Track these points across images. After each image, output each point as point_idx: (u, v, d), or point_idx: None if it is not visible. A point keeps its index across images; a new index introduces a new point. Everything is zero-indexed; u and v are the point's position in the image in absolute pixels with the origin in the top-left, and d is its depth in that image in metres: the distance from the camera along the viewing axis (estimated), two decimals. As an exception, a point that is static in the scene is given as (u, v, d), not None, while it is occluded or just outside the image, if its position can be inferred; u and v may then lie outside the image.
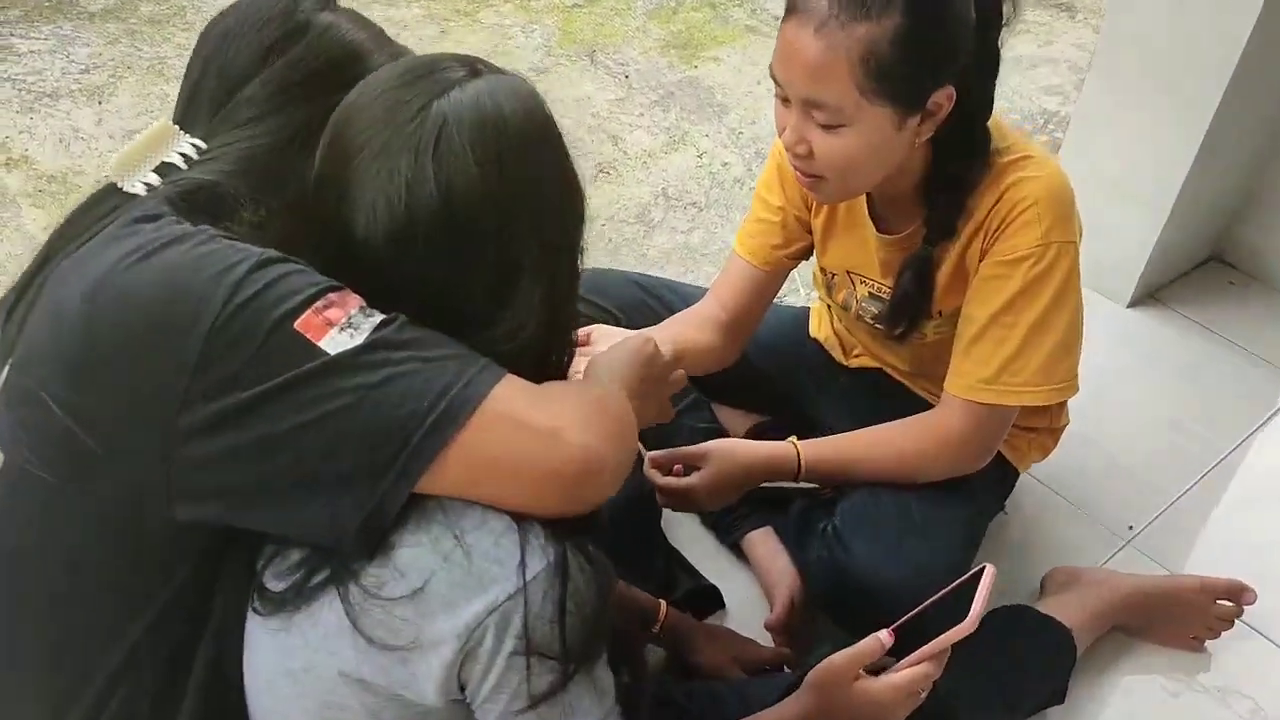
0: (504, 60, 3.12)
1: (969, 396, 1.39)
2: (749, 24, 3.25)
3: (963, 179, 1.33)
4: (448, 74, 0.91)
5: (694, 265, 2.41)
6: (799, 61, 1.23)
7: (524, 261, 0.90)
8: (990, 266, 1.36)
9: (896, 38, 1.18)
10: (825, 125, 1.24)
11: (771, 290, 1.63)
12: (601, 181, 2.65)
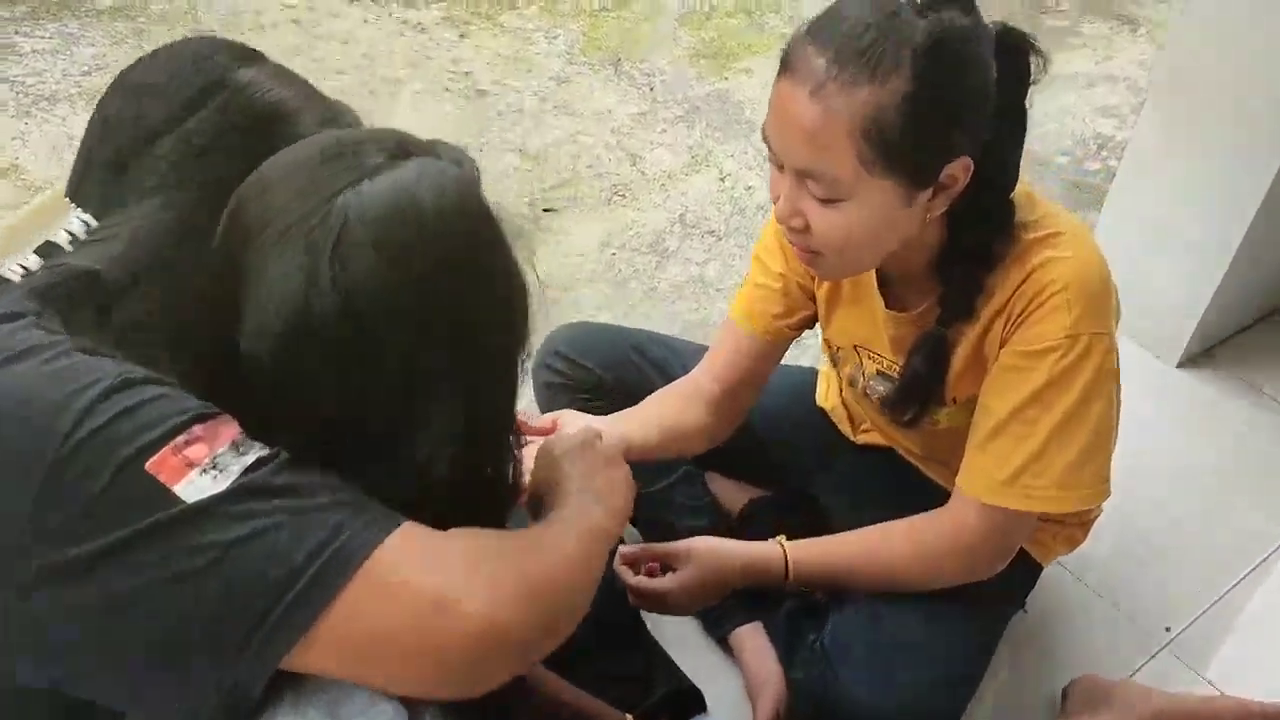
0: (523, 68, 3.02)
1: (985, 498, 1.23)
2: (785, 32, 3.07)
3: (983, 255, 1.17)
4: (366, 158, 0.80)
5: (707, 301, 2.25)
6: (793, 128, 1.07)
7: (438, 376, 0.79)
8: (1012, 356, 1.19)
9: (903, 104, 1.02)
10: (822, 199, 1.08)
11: (771, 361, 1.47)
12: (615, 205, 2.49)
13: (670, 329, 2.15)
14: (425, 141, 0.85)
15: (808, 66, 1.05)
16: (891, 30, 1.02)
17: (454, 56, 2.92)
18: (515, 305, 0.86)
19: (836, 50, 1.03)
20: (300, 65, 2.92)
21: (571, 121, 2.73)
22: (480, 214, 0.82)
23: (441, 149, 0.84)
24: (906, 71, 1.03)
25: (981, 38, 1.07)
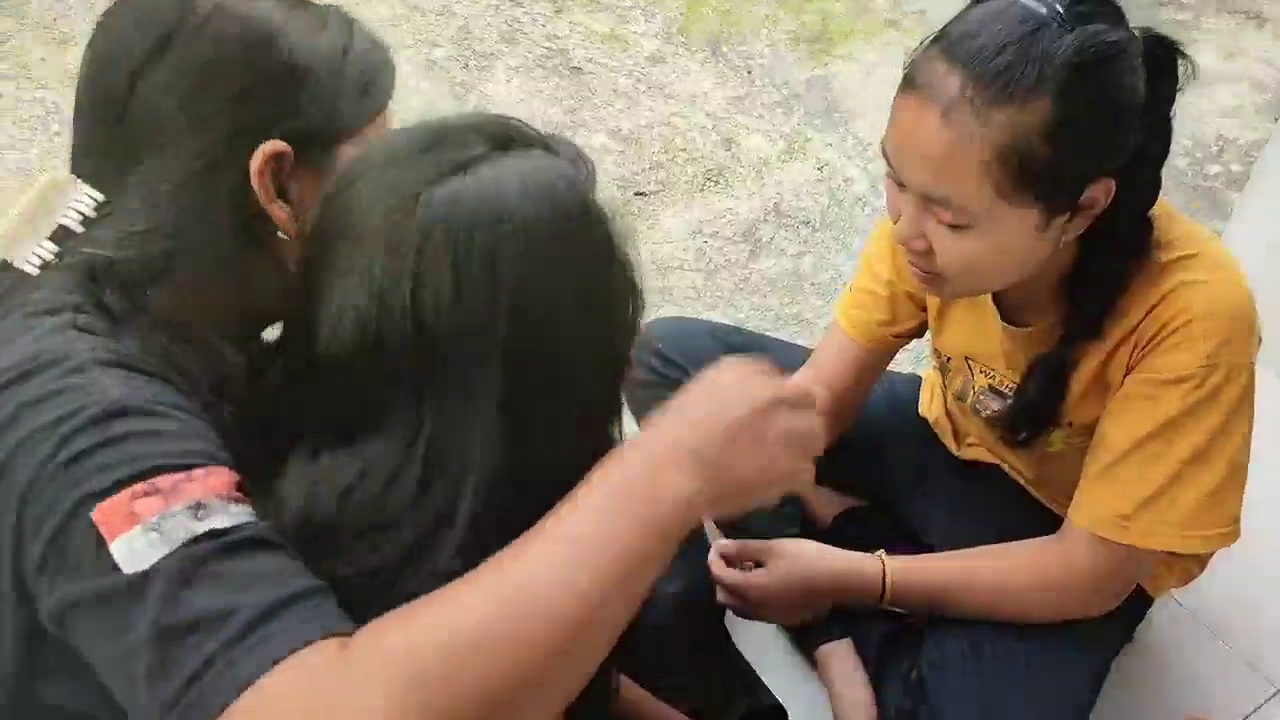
0: (618, 47, 2.95)
1: (1100, 533, 1.15)
2: (890, 17, 2.97)
3: (1116, 277, 1.08)
4: (464, 150, 0.74)
5: (800, 296, 2.18)
6: (920, 151, 0.99)
7: (525, 403, 0.72)
8: (1140, 384, 1.11)
9: (1047, 128, 0.94)
10: (949, 224, 1.01)
11: (876, 369, 1.41)
12: (709, 190, 2.43)
13: (761, 323, 2.08)
14: (539, 134, 0.78)
15: (939, 85, 0.97)
16: (1035, 47, 0.94)
17: (549, 32, 2.87)
18: (617, 341, 0.78)
19: (973, 68, 0.95)
20: (397, 36, 2.89)
21: (666, 103, 2.66)
22: (587, 224, 0.75)
23: (557, 144, 0.78)
24: (1051, 92, 0.95)
25: (1131, 50, 0.98)
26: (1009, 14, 0.96)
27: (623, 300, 0.77)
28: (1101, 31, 0.96)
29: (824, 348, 1.41)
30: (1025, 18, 0.96)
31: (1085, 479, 1.18)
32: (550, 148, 0.77)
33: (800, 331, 2.07)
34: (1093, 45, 0.95)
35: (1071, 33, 0.95)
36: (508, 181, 0.72)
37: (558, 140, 0.79)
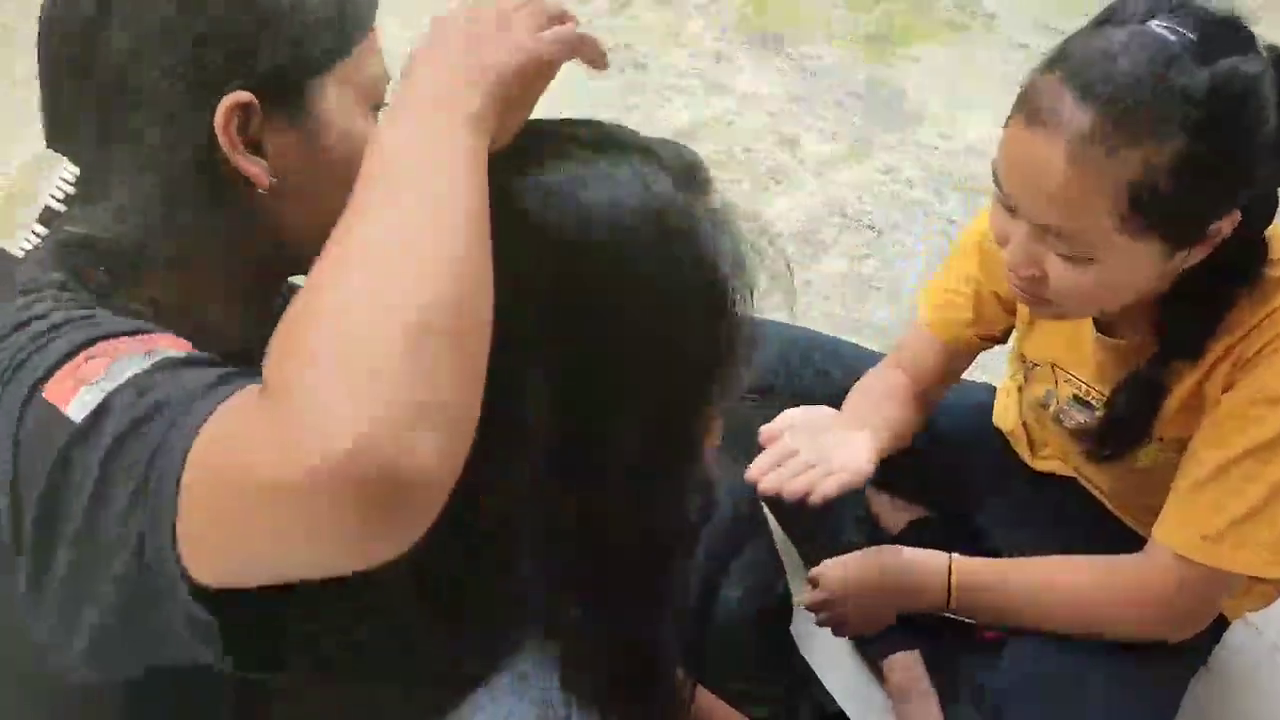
0: (680, 43, 2.93)
1: (1186, 553, 1.12)
2: (956, 19, 2.93)
3: (1222, 299, 1.05)
4: (551, 143, 0.69)
5: (863, 300, 2.15)
6: (1041, 185, 0.96)
7: (605, 435, 0.65)
8: (1238, 402, 1.08)
9: (1178, 165, 0.91)
10: (1066, 255, 0.98)
11: (959, 366, 1.38)
12: (770, 190, 2.40)
13: (823, 325, 2.05)
14: (647, 140, 0.72)
15: (1066, 119, 0.93)
16: (1170, 83, 0.91)
17: (611, 26, 2.85)
18: (707, 355, 0.68)
19: (1102, 104, 0.91)
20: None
21: (726, 101, 2.64)
22: (674, 239, 0.66)
23: (665, 150, 0.72)
24: (1186, 130, 0.91)
25: (1266, 80, 0.94)
26: (1139, 44, 0.92)
27: (702, 343, 0.68)
28: (1237, 64, 0.92)
29: (907, 341, 1.39)
30: (1157, 50, 0.92)
31: (1173, 495, 1.14)
32: (655, 154, 0.70)
33: (863, 335, 2.04)
34: (1228, 81, 0.91)
35: (1206, 66, 0.91)
36: (589, 184, 0.66)
37: (669, 145, 0.73)
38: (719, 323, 0.68)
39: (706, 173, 0.73)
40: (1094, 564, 1.20)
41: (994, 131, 1.05)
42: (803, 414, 1.22)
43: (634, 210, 0.66)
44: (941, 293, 1.34)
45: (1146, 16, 0.95)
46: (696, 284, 0.67)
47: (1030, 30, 2.86)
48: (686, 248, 0.67)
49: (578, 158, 0.67)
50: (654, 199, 0.66)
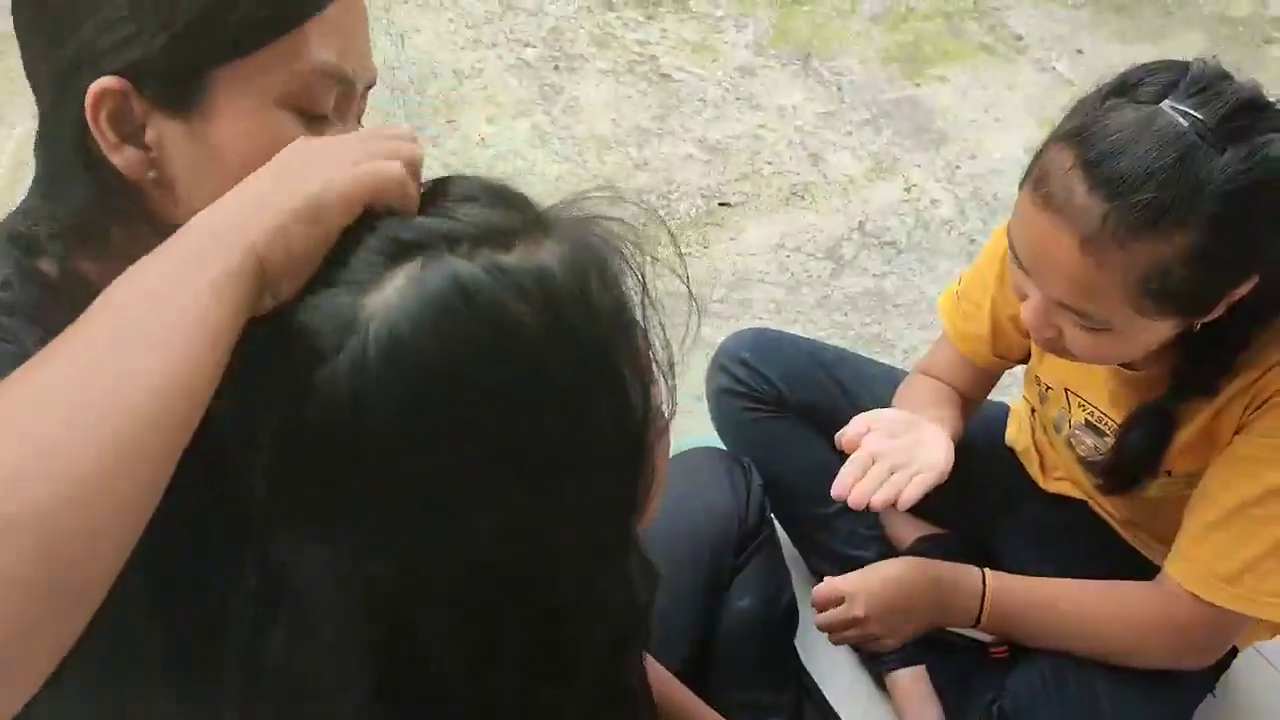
0: (708, 56, 2.95)
1: (1199, 592, 1.12)
2: (985, 41, 2.93)
3: (1239, 341, 1.05)
4: (451, 226, 0.58)
5: (883, 316, 2.15)
6: (1056, 269, 0.97)
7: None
8: (1250, 443, 1.08)
9: (1193, 256, 0.91)
10: (1083, 327, 0.99)
11: (985, 382, 1.39)
12: (793, 205, 2.41)
13: (841, 342, 2.06)
14: (536, 215, 0.61)
15: (1078, 209, 0.93)
16: (1185, 175, 0.89)
17: (640, 38, 2.87)
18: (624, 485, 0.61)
19: (1114, 195, 0.91)
20: (488, 34, 2.91)
21: (754, 115, 2.65)
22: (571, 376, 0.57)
23: (563, 229, 0.60)
24: (1201, 222, 0.90)
25: None
26: (1154, 131, 0.90)
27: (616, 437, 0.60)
28: (1257, 149, 0.91)
29: (937, 351, 1.40)
30: (1173, 138, 0.90)
31: (1185, 533, 1.15)
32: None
33: (881, 352, 2.05)
34: (1247, 170, 0.90)
35: (1224, 154, 0.90)
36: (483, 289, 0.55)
37: (564, 221, 0.61)
38: (626, 401, 0.60)
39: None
40: (1118, 592, 1.20)
41: (1020, 153, 1.05)
42: (876, 417, 1.23)
43: (468, 334, 0.55)
44: (963, 301, 1.35)
45: (1162, 94, 0.93)
46: (576, 375, 0.58)
47: (1058, 54, 2.87)
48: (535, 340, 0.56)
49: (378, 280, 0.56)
50: (484, 304, 0.55)
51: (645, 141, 2.55)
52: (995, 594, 1.24)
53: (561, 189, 2.27)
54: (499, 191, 0.62)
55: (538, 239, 0.58)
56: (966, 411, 1.38)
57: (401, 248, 0.56)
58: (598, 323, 0.58)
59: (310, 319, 0.55)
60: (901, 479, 1.15)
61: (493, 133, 2.54)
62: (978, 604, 1.24)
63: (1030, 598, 1.24)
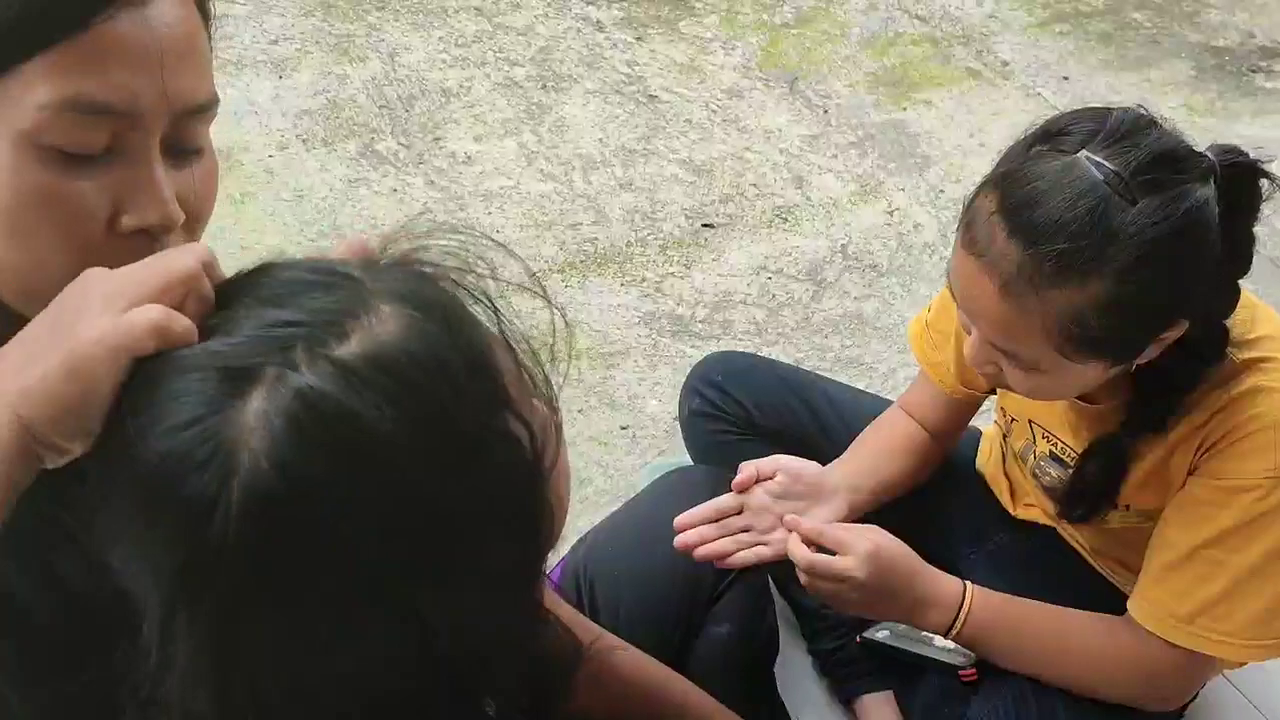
0: (696, 78, 2.97)
1: (1160, 633, 1.13)
2: (971, 66, 2.95)
3: (1186, 378, 1.07)
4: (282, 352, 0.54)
5: (862, 339, 2.16)
6: (980, 310, 1.01)
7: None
8: (1202, 487, 1.09)
9: (1104, 305, 0.94)
10: (1017, 365, 1.03)
11: (962, 413, 1.40)
12: (777, 227, 2.42)
13: (820, 364, 2.07)
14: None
15: (997, 255, 0.96)
16: (1098, 226, 0.92)
17: (628, 59, 2.89)
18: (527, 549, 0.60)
19: (1030, 243, 0.94)
20: (477, 52, 2.93)
21: (740, 137, 2.67)
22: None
23: (392, 285, 0.57)
24: (1112, 271, 0.93)
25: (1203, 205, 0.95)
26: (1069, 183, 0.93)
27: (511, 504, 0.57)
28: (1169, 202, 0.93)
29: (915, 384, 1.42)
30: (1086, 189, 0.93)
31: (1145, 574, 1.16)
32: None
33: (859, 375, 2.06)
34: (1158, 221, 0.92)
35: (1136, 206, 0.92)
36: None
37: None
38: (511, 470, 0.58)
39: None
40: (1096, 623, 1.20)
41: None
42: (790, 464, 1.25)
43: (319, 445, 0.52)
44: (930, 334, 1.36)
45: (1082, 143, 0.95)
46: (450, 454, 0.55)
47: (1044, 81, 2.89)
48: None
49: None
50: (340, 414, 0.52)
51: (631, 161, 2.56)
52: (976, 610, 1.22)
53: (547, 207, 2.29)
54: (316, 269, 0.58)
55: (371, 309, 0.55)
56: (933, 452, 1.39)
57: (238, 375, 0.52)
58: (458, 380, 0.55)
59: (168, 468, 0.52)
60: (747, 540, 1.20)
61: (479, 151, 2.55)
62: (954, 613, 1.23)
63: (1010, 615, 1.23)
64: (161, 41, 0.64)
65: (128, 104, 0.64)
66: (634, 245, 2.35)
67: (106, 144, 0.64)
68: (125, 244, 0.66)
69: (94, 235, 0.65)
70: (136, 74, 0.63)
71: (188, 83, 0.67)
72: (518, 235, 2.33)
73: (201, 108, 0.69)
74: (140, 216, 0.66)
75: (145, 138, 0.65)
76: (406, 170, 2.48)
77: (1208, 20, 3.20)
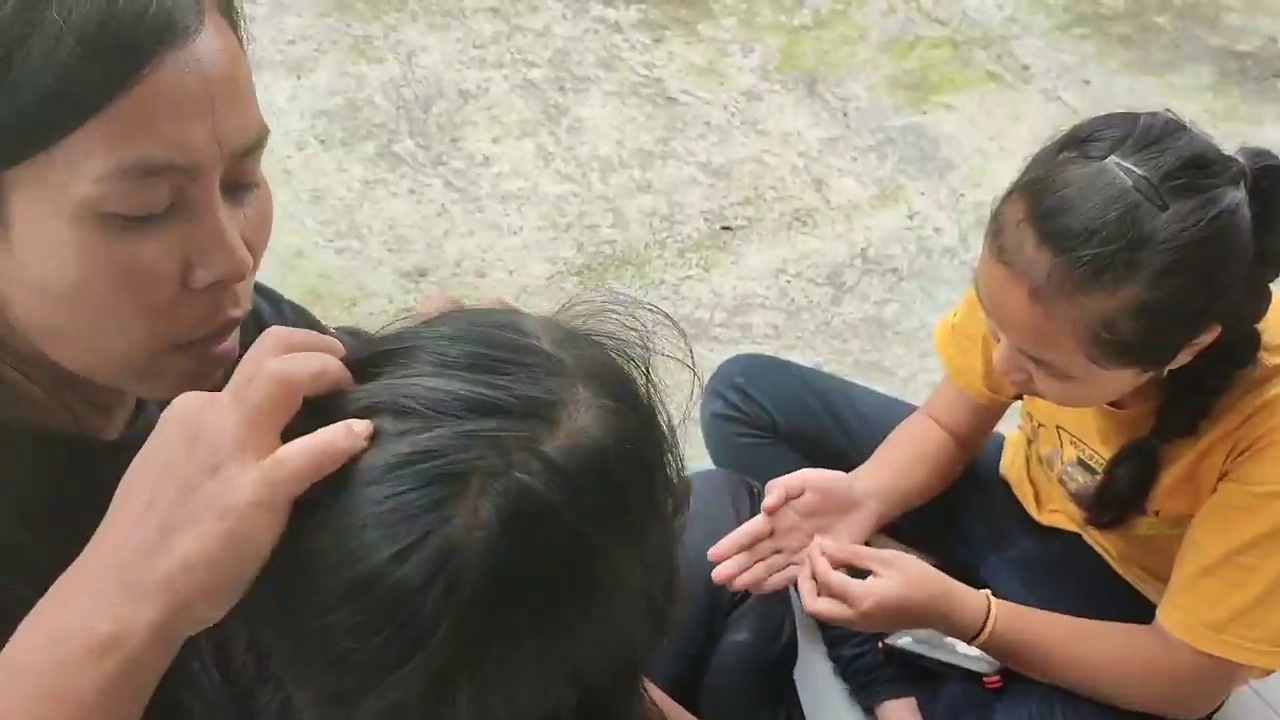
0: (714, 80, 2.96)
1: (1189, 640, 1.12)
2: (992, 70, 2.94)
3: (1217, 382, 1.06)
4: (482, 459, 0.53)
5: (882, 343, 2.15)
6: (1010, 318, 1.00)
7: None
8: (1234, 492, 1.08)
9: (1137, 310, 0.93)
10: (1049, 373, 1.01)
11: (987, 419, 1.38)
12: (795, 230, 2.41)
13: (840, 368, 2.06)
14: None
15: (1027, 263, 0.95)
16: (1128, 232, 0.91)
17: (646, 61, 2.88)
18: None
19: (1060, 250, 0.93)
20: (495, 54, 2.92)
21: (759, 140, 2.66)
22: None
23: (581, 367, 0.57)
24: (1143, 277, 0.92)
25: (1234, 209, 0.94)
26: (1100, 189, 0.93)
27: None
28: (1201, 207, 0.92)
29: (940, 388, 1.40)
30: (1116, 195, 0.92)
31: (1175, 581, 1.14)
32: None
33: (879, 379, 2.04)
34: (1190, 227, 0.92)
35: (1167, 211, 0.92)
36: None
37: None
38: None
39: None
40: (1120, 633, 1.19)
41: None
42: (819, 480, 1.23)
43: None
44: (958, 338, 1.35)
45: (1111, 149, 0.95)
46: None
47: (1065, 84, 2.87)
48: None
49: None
50: (558, 514, 0.53)
51: (649, 163, 2.55)
52: (998, 619, 1.20)
53: (565, 209, 2.28)
54: (501, 343, 0.56)
55: (572, 396, 0.54)
56: (958, 458, 1.38)
57: (449, 478, 0.51)
58: (651, 473, 0.57)
59: (390, 596, 0.51)
60: (779, 563, 1.19)
61: (497, 152, 2.55)
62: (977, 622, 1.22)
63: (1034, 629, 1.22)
64: (211, 83, 0.60)
65: (186, 157, 0.60)
66: (652, 247, 2.34)
67: (168, 201, 0.60)
68: (198, 298, 0.63)
69: (166, 296, 0.62)
70: (191, 123, 0.59)
71: (240, 121, 0.63)
72: (535, 237, 2.32)
73: (256, 145, 0.65)
74: (213, 270, 0.62)
75: (206, 186, 0.61)
76: (424, 171, 2.48)
77: (1229, 24, 3.18)
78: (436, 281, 2.20)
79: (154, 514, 0.50)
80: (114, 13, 0.56)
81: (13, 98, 0.55)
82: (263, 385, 0.51)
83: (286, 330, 0.55)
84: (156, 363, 0.64)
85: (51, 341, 0.63)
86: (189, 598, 0.49)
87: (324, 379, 0.53)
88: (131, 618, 0.49)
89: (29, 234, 0.59)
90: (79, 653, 0.48)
